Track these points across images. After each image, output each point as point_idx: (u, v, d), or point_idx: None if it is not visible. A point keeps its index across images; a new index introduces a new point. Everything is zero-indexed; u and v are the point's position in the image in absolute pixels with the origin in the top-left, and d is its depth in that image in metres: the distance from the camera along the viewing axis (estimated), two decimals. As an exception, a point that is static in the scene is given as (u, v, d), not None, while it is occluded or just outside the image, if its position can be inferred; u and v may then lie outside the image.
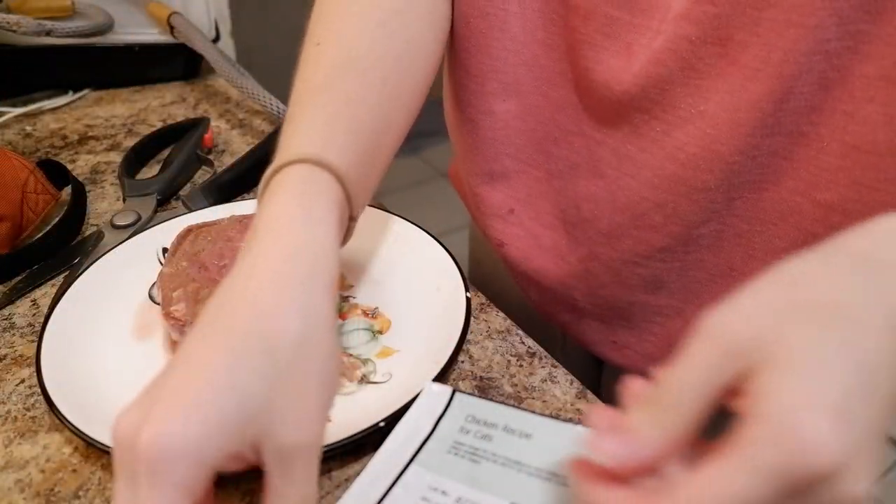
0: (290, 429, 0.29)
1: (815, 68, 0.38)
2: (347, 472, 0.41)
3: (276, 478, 0.30)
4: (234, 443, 0.29)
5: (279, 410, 0.29)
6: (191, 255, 0.48)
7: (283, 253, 0.33)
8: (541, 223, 0.55)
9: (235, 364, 0.29)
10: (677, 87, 0.43)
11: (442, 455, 0.38)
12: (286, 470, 0.30)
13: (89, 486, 0.40)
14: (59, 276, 0.55)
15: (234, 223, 0.51)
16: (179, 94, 0.81)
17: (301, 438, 0.30)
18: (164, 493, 0.27)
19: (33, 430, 0.43)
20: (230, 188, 0.63)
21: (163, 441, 0.27)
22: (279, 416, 0.29)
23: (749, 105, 0.40)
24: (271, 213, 0.35)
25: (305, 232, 0.34)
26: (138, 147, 0.68)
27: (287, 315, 0.31)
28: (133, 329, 0.49)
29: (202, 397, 0.28)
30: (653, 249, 0.49)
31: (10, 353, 0.48)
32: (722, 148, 0.42)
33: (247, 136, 0.73)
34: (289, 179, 0.36)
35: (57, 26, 0.74)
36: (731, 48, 0.40)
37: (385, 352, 0.47)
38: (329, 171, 0.37)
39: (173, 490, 0.27)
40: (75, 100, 0.79)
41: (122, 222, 0.58)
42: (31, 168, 0.58)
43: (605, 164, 0.49)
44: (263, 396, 0.29)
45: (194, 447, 0.27)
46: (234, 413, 0.28)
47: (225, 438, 0.28)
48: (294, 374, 0.30)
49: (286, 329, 0.30)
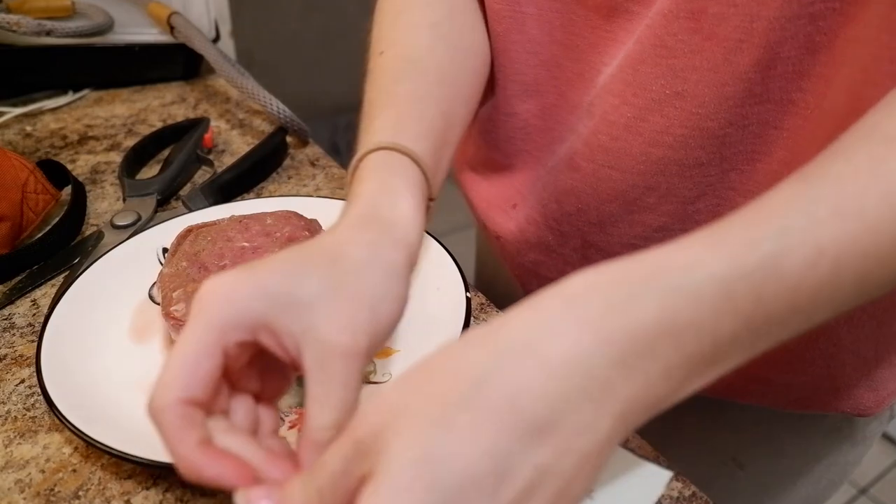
0: (334, 328, 0.30)
1: (801, 32, 0.37)
2: (347, 472, 0.41)
3: (314, 381, 0.30)
4: (270, 314, 0.30)
5: (327, 310, 0.31)
6: (191, 255, 0.48)
7: (361, 212, 0.36)
8: (528, 219, 0.55)
9: (296, 257, 0.32)
10: (648, 67, 0.42)
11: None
12: (324, 371, 0.30)
13: (89, 486, 0.40)
14: (59, 276, 0.55)
15: (234, 223, 0.51)
16: (179, 94, 0.81)
17: (343, 340, 0.30)
18: (196, 328, 0.30)
19: (33, 430, 0.43)
20: (230, 188, 0.63)
21: (210, 285, 0.30)
22: (325, 314, 0.30)
23: (735, 78, 0.40)
24: (355, 192, 0.37)
25: (383, 199, 0.37)
26: (138, 147, 0.68)
27: (356, 244, 0.33)
28: (133, 329, 0.49)
29: (258, 269, 0.31)
30: (649, 230, 0.48)
31: (10, 353, 0.48)
32: (711, 123, 0.42)
33: (247, 136, 0.73)
34: (370, 165, 0.39)
35: (57, 26, 0.74)
36: (705, 22, 0.39)
37: (385, 352, 0.47)
38: (405, 153, 0.40)
39: (205, 328, 0.30)
40: (75, 100, 0.79)
41: (122, 222, 0.58)
42: (31, 168, 0.58)
43: (579, 157, 0.48)
44: (314, 292, 0.31)
45: (233, 294, 0.30)
46: (279, 286, 0.30)
47: (262, 303, 0.30)
48: (350, 288, 0.31)
49: (352, 253, 0.33)
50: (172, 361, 0.30)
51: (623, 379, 0.26)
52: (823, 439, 0.58)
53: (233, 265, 0.47)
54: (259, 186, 0.65)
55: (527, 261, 0.57)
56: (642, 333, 0.26)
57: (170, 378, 0.30)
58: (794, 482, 0.61)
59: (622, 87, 0.44)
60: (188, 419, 0.30)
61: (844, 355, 0.50)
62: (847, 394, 0.53)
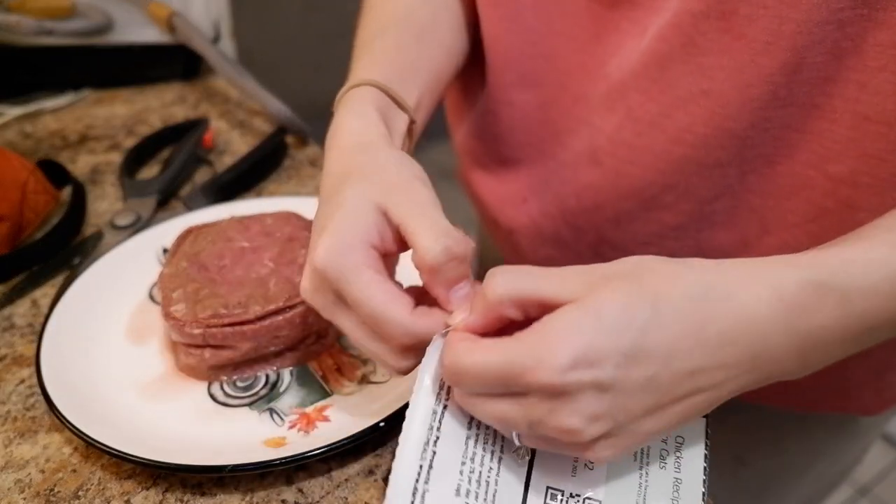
0: (404, 197, 0.36)
1: (828, 38, 0.38)
2: (347, 472, 0.41)
3: (413, 218, 0.35)
4: (370, 221, 0.35)
5: (394, 192, 0.36)
6: (191, 256, 0.48)
7: (350, 136, 0.41)
8: (544, 213, 0.55)
9: (350, 189, 0.37)
10: (677, 64, 0.42)
11: None
12: (409, 201, 0.35)
13: (89, 486, 0.40)
14: (59, 276, 0.55)
15: (234, 223, 0.51)
16: (179, 94, 0.81)
17: (417, 172, 0.38)
18: (355, 277, 0.34)
19: (33, 430, 0.43)
20: (230, 188, 0.63)
21: (326, 250, 0.34)
22: (395, 194, 0.36)
23: (760, 80, 0.40)
24: (336, 123, 0.43)
25: (358, 122, 0.42)
26: (138, 147, 0.68)
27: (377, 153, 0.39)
28: (133, 329, 0.49)
29: (333, 216, 0.36)
30: (666, 228, 0.48)
31: (10, 353, 0.48)
32: (733, 124, 0.42)
33: (247, 136, 0.73)
34: (344, 100, 0.44)
35: (57, 26, 0.74)
36: (735, 22, 0.39)
37: (385, 352, 0.47)
38: (371, 84, 0.44)
39: (359, 271, 0.34)
40: (75, 100, 0.79)
41: (122, 222, 0.58)
42: (31, 168, 0.58)
43: (602, 153, 0.48)
44: (376, 189, 0.36)
45: (347, 238, 0.34)
46: (359, 205, 0.36)
47: (361, 224, 0.35)
48: (399, 180, 0.37)
49: (383, 161, 0.39)
50: (339, 224, 0.35)
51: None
52: (826, 436, 0.58)
53: (233, 265, 0.47)
54: (259, 186, 0.65)
55: (539, 256, 0.57)
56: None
57: (348, 239, 0.34)
58: (798, 479, 0.61)
59: (648, 84, 0.44)
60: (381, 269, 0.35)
61: (856, 360, 0.50)
62: (853, 395, 0.53)
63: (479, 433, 0.34)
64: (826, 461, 0.60)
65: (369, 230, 0.35)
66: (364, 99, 0.43)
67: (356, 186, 0.36)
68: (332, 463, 0.41)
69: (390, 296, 0.34)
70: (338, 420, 0.43)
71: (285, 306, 0.44)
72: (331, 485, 0.40)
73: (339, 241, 0.34)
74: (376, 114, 0.42)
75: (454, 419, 0.34)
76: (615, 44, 0.46)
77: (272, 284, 0.46)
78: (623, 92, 0.46)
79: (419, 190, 0.36)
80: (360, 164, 0.38)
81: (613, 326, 0.29)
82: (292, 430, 0.42)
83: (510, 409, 0.31)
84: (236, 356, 0.44)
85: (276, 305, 0.44)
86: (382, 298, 0.33)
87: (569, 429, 0.29)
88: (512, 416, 0.31)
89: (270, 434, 0.42)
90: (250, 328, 0.44)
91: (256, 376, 0.46)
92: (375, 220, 0.35)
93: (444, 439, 0.33)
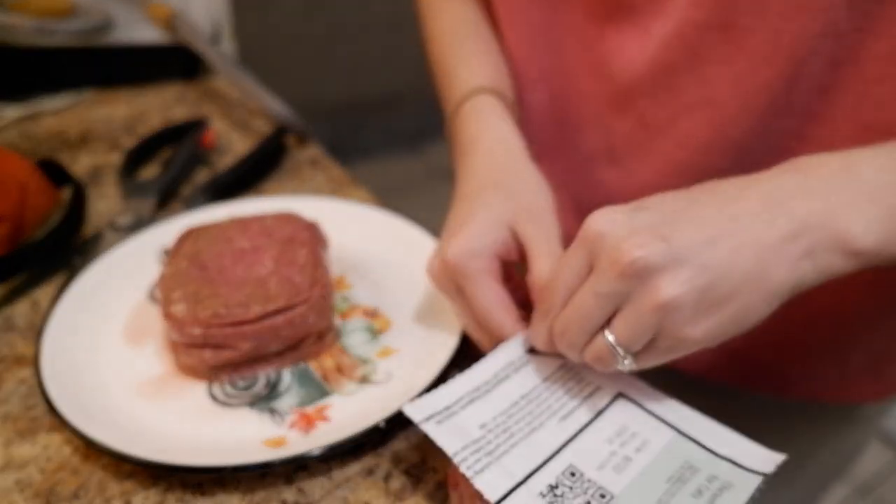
0: (532, 225, 0.41)
1: (826, 49, 0.38)
2: (347, 472, 0.41)
3: (536, 241, 0.40)
4: (499, 235, 0.41)
5: (526, 217, 0.41)
6: (191, 256, 0.48)
7: (495, 144, 0.46)
8: (561, 206, 0.56)
9: (488, 201, 0.42)
10: (683, 73, 0.43)
11: None
12: (536, 228, 0.41)
13: (89, 486, 0.40)
14: (59, 276, 0.55)
15: (234, 223, 0.51)
16: (179, 94, 0.81)
17: (548, 204, 0.43)
18: (477, 280, 0.40)
19: (33, 430, 0.43)
20: (230, 188, 0.63)
21: (459, 250, 0.40)
22: (526, 220, 0.41)
23: (760, 89, 0.41)
24: (471, 131, 0.48)
25: (496, 132, 0.47)
26: (138, 147, 0.68)
27: (518, 172, 0.45)
28: (133, 329, 0.49)
29: (469, 221, 0.41)
30: None
31: (10, 353, 0.48)
32: (734, 132, 0.43)
33: (247, 136, 0.73)
34: (473, 108, 0.49)
35: (57, 26, 0.74)
36: (734, 34, 0.40)
37: (385, 352, 0.47)
38: (490, 92, 0.49)
39: (481, 276, 0.40)
40: (75, 100, 0.79)
41: (122, 222, 0.58)
42: (31, 168, 0.58)
43: (619, 152, 0.50)
44: (510, 208, 0.42)
45: (477, 244, 0.40)
46: (493, 218, 0.41)
47: (491, 235, 0.41)
48: (532, 207, 0.42)
49: (519, 178, 0.44)
50: (469, 229, 0.40)
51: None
52: (830, 426, 0.59)
53: (233, 265, 0.47)
54: (259, 186, 0.65)
55: None
56: None
57: (479, 247, 0.40)
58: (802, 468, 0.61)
59: (656, 91, 0.45)
60: (495, 274, 0.40)
61: (858, 352, 0.51)
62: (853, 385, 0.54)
63: (524, 408, 0.38)
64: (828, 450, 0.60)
65: (496, 243, 0.41)
66: (494, 107, 0.48)
67: (495, 200, 0.42)
68: (332, 463, 0.41)
69: (500, 301, 0.40)
70: (338, 420, 0.43)
71: (285, 306, 0.44)
72: (331, 485, 0.40)
73: (469, 246, 0.40)
74: (512, 123, 0.48)
75: (510, 389, 0.38)
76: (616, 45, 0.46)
77: (272, 284, 0.46)
78: (632, 97, 0.47)
79: (546, 219, 0.42)
80: (502, 180, 0.43)
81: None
82: (292, 430, 0.42)
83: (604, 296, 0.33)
84: (236, 356, 0.44)
85: (276, 305, 0.44)
86: (494, 302, 0.40)
87: (664, 300, 0.31)
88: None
89: (270, 434, 0.42)
90: (250, 328, 0.44)
91: (256, 376, 0.46)
92: (504, 237, 0.41)
93: (492, 395, 0.38)
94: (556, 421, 0.37)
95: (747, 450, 0.37)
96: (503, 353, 0.40)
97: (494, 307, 0.40)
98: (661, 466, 0.35)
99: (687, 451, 0.36)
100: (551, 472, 0.35)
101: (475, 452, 0.35)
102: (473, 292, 0.40)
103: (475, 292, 0.40)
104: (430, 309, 0.49)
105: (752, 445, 0.37)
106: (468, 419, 0.36)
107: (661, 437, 0.37)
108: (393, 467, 0.41)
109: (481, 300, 0.40)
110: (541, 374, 0.39)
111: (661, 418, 0.38)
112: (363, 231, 0.56)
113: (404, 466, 0.41)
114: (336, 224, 0.54)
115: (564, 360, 0.40)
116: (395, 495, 0.39)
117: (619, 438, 0.37)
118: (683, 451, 0.36)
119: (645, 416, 0.38)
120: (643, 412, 0.38)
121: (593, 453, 0.36)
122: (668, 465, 0.35)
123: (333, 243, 0.52)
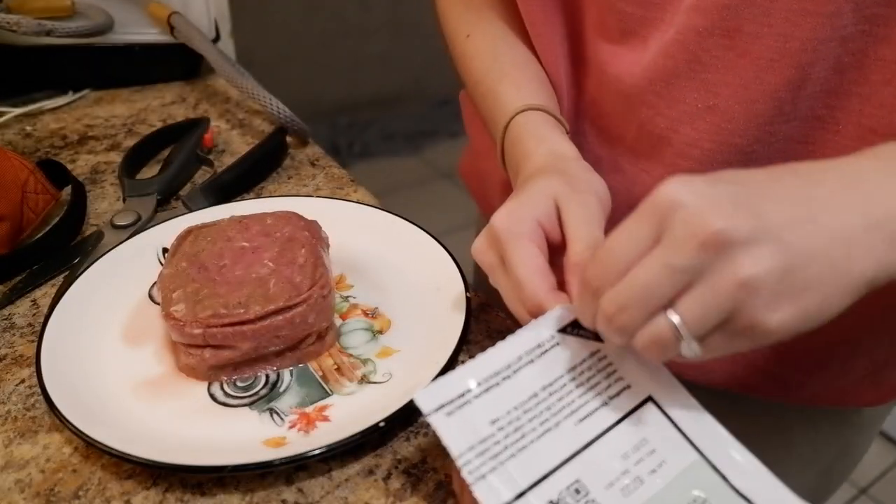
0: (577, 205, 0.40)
1: (832, 54, 0.38)
2: (347, 472, 0.41)
3: (577, 220, 0.39)
4: (544, 205, 0.40)
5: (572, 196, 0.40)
6: (191, 256, 0.48)
7: (551, 152, 0.46)
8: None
9: (539, 179, 0.42)
10: (683, 80, 0.43)
11: None
12: (580, 208, 0.40)
13: (89, 486, 0.40)
14: (59, 276, 0.55)
15: (234, 223, 0.51)
16: (179, 94, 0.81)
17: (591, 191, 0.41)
18: (517, 244, 0.39)
19: (33, 430, 0.43)
20: (230, 188, 0.63)
21: (504, 215, 0.40)
22: (572, 199, 0.40)
23: (765, 96, 0.41)
24: (526, 145, 0.47)
25: (550, 145, 0.46)
26: (138, 147, 0.68)
27: (572, 164, 0.44)
28: (133, 329, 0.49)
29: (517, 195, 0.41)
30: None
31: (10, 353, 0.48)
32: (739, 140, 0.42)
33: (247, 136, 0.73)
34: (524, 125, 0.48)
35: (57, 26, 0.74)
36: (739, 40, 0.40)
37: (385, 352, 0.47)
38: (539, 109, 0.49)
39: (521, 239, 0.39)
40: (75, 100, 0.79)
41: (122, 222, 0.58)
42: (31, 168, 0.58)
43: (622, 160, 0.50)
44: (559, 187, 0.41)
45: (522, 211, 0.40)
46: (540, 189, 0.41)
47: (536, 203, 0.40)
48: (581, 189, 0.41)
49: (574, 168, 0.43)
50: (521, 204, 0.40)
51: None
52: (831, 428, 0.59)
53: (233, 265, 0.47)
54: (259, 186, 0.65)
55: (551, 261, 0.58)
56: None
57: (523, 213, 0.40)
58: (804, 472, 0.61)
59: (655, 100, 0.45)
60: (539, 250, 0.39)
61: (860, 359, 0.51)
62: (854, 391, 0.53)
63: (543, 401, 0.36)
64: (831, 454, 0.60)
65: (541, 211, 0.40)
66: (546, 121, 0.48)
67: (545, 179, 0.41)
68: (332, 463, 0.41)
69: (537, 268, 0.38)
70: (338, 420, 0.43)
71: (285, 306, 0.44)
72: (331, 485, 0.40)
73: (515, 212, 0.40)
74: (564, 135, 0.47)
75: (532, 376, 0.36)
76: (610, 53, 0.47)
77: (272, 284, 0.46)
78: (632, 106, 0.47)
79: (592, 204, 0.40)
80: (556, 166, 0.43)
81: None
82: (292, 430, 0.42)
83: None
84: (236, 356, 0.44)
85: (276, 305, 0.44)
86: (531, 268, 0.38)
87: (742, 278, 0.29)
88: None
89: (270, 434, 0.42)
90: (250, 328, 0.44)
91: (256, 376, 0.46)
92: (548, 208, 0.40)
93: (512, 382, 0.36)
94: (574, 423, 0.35)
95: (774, 497, 0.34)
96: (533, 330, 0.37)
97: (531, 273, 0.38)
98: (671, 495, 0.33)
99: (703, 481, 0.34)
100: (555, 484, 0.33)
101: (480, 455, 0.33)
102: (511, 257, 0.39)
103: (513, 258, 0.38)
104: (430, 309, 0.49)
105: (781, 490, 0.34)
106: (480, 412, 0.34)
107: (681, 459, 0.34)
108: (393, 467, 0.41)
109: (518, 266, 0.38)
110: (568, 362, 0.36)
111: (687, 435, 0.35)
112: (363, 231, 0.56)
113: (404, 466, 0.41)
114: (336, 224, 0.54)
115: (599, 347, 0.37)
116: (395, 495, 0.39)
117: (636, 455, 0.34)
118: (700, 481, 0.34)
119: (669, 431, 0.35)
120: (669, 425, 0.36)
121: (604, 468, 0.34)
122: (680, 497, 0.33)
123: (333, 243, 0.52)
